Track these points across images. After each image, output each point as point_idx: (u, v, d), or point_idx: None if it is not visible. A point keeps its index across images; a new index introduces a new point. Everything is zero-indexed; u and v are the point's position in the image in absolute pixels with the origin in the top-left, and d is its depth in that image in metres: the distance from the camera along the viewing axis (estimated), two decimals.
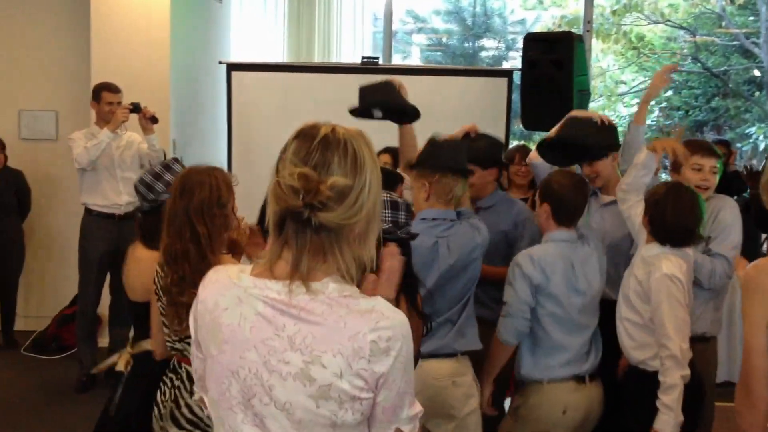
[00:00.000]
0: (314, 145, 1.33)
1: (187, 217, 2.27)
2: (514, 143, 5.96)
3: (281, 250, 1.36)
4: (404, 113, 3.22)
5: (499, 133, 4.97)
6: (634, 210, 3.00)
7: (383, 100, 3.17)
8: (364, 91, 3.22)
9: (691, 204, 2.73)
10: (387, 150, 4.00)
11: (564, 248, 2.79)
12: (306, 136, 1.36)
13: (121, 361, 2.65)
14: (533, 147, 3.58)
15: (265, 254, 1.40)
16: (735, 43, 12.62)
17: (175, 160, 2.77)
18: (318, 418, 1.33)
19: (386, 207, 2.21)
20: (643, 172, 3.01)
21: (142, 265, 2.56)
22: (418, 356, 2.34)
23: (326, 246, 1.34)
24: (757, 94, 12.37)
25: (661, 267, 2.65)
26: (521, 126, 5.31)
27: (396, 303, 2.14)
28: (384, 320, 1.33)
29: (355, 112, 3.18)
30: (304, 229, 1.32)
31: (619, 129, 3.53)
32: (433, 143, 2.83)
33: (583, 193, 2.89)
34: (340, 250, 1.35)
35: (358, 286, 1.42)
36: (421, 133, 3.14)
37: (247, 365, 1.35)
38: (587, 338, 2.82)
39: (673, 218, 2.71)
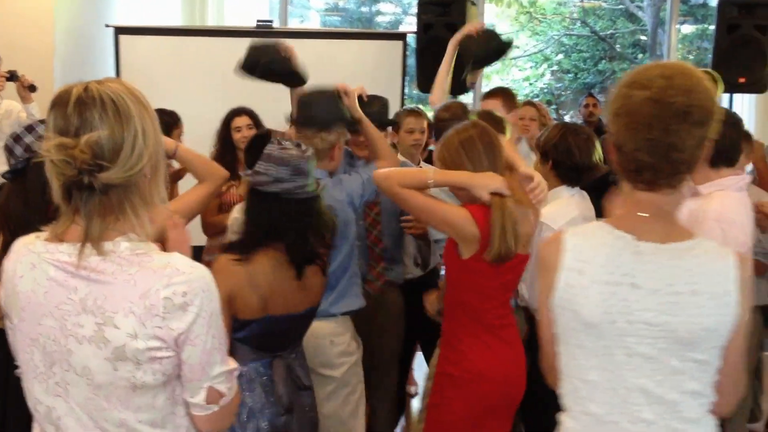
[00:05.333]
0: (69, 109, 1.27)
1: None
2: (410, 106, 6.04)
3: (73, 215, 1.32)
4: (293, 76, 3.21)
5: (395, 96, 5.06)
6: None
7: (270, 60, 3.15)
8: (252, 50, 3.19)
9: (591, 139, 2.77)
10: None
11: None
12: (60, 103, 1.29)
13: None
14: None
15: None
16: (620, 7, 13.18)
17: (41, 122, 2.59)
18: (117, 381, 1.30)
19: (265, 160, 2.18)
20: None
21: None
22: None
23: (116, 204, 1.30)
24: (641, 56, 12.98)
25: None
26: (417, 89, 5.41)
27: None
28: (179, 275, 1.29)
29: (242, 70, 3.15)
30: (91, 194, 1.28)
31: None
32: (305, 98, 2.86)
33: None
34: (132, 206, 1.32)
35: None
36: None
37: (45, 332, 1.32)
38: None
39: (582, 157, 2.72)
